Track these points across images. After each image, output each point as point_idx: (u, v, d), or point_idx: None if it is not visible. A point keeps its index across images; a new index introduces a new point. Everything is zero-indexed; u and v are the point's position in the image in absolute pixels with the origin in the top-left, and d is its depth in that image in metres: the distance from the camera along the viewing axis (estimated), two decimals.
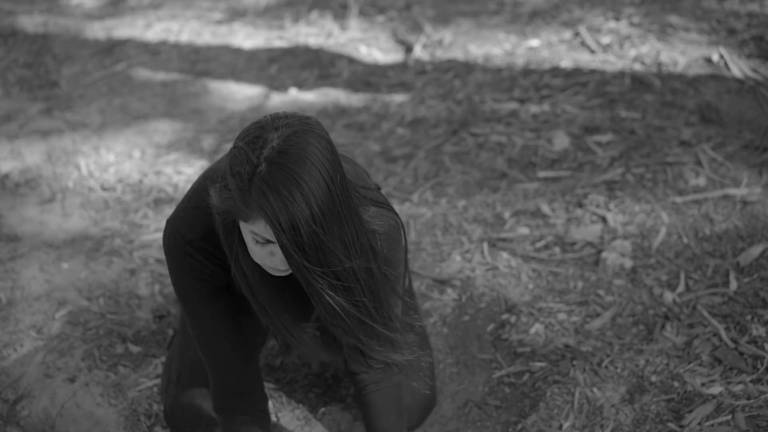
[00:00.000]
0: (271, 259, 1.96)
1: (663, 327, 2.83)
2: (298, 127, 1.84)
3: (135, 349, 2.97)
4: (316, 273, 1.90)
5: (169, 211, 3.64)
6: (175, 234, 2.18)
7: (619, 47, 4.56)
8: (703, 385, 2.63)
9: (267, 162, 1.80)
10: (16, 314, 3.14)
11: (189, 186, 3.74)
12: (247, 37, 5.25)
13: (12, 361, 2.95)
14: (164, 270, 3.31)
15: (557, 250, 3.24)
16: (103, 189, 3.86)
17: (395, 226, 2.17)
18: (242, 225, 1.93)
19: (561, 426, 2.60)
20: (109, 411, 2.77)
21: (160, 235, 3.50)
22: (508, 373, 2.77)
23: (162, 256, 3.38)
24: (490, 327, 2.94)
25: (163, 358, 2.91)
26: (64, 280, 3.31)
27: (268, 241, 1.91)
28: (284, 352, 2.40)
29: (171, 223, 2.20)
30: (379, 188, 2.44)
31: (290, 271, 1.99)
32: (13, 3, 6.17)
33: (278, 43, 5.11)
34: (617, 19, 4.89)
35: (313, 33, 5.19)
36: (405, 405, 2.41)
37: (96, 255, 3.44)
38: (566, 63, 4.47)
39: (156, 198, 3.76)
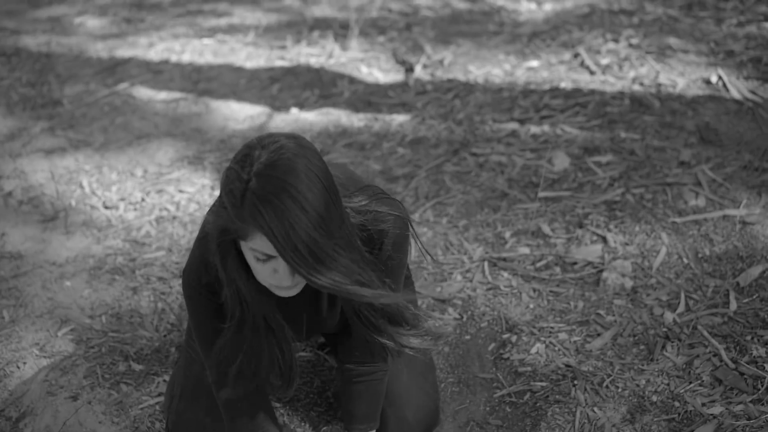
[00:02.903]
0: (275, 276, 1.96)
1: (663, 347, 2.84)
2: (284, 142, 1.87)
3: (137, 367, 2.98)
4: (326, 275, 1.89)
5: (171, 230, 3.66)
6: (191, 281, 2.20)
7: (618, 68, 4.59)
8: (703, 405, 2.64)
9: (256, 176, 1.81)
10: (18, 332, 3.15)
11: (191, 205, 3.77)
12: (248, 57, 5.28)
13: (15, 378, 2.96)
14: (166, 288, 3.33)
15: (558, 269, 3.25)
16: (106, 207, 3.87)
17: (402, 218, 2.19)
18: (243, 246, 1.95)
19: None
20: (111, 429, 2.77)
21: (162, 254, 3.52)
22: (509, 393, 2.77)
23: (164, 274, 3.40)
24: (491, 346, 2.95)
25: (166, 377, 2.92)
26: (66, 298, 3.32)
27: (269, 257, 1.92)
28: (286, 388, 2.41)
29: (186, 272, 2.22)
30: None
31: (298, 289, 2.01)
32: (16, 22, 6.21)
33: (280, 63, 5.14)
34: (616, 40, 4.92)
35: (315, 53, 5.22)
36: (382, 398, 2.47)
37: (98, 273, 3.45)
38: (566, 84, 4.50)
39: (158, 216, 3.77)
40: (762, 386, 2.65)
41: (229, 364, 2.21)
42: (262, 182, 1.81)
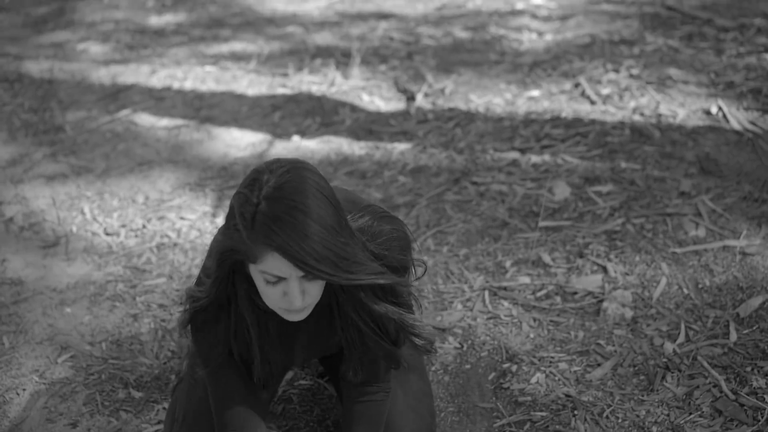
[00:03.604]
0: (285, 300, 2.00)
1: (664, 377, 2.84)
2: (290, 166, 1.94)
3: (137, 394, 2.98)
4: (347, 274, 1.96)
5: (172, 256, 3.67)
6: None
7: (618, 98, 4.61)
8: None
9: (266, 199, 1.88)
10: (18, 358, 3.15)
11: (192, 232, 3.77)
12: (250, 85, 5.30)
13: (14, 405, 2.95)
14: (166, 315, 3.33)
15: (558, 299, 3.25)
16: (107, 234, 3.88)
17: (405, 235, 2.23)
18: (252, 269, 1.98)
19: None
20: None
21: (162, 281, 3.52)
22: (509, 423, 2.77)
23: (164, 301, 3.40)
24: (492, 376, 2.95)
25: (166, 404, 2.91)
26: (66, 325, 3.32)
27: (279, 279, 1.96)
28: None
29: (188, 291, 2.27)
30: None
31: (307, 312, 2.06)
32: (19, 48, 6.23)
33: (281, 91, 5.16)
34: (617, 70, 4.95)
35: (316, 81, 5.25)
36: (383, 420, 2.46)
37: (99, 300, 3.45)
38: (567, 113, 4.51)
39: (159, 243, 3.78)
40: (762, 417, 2.65)
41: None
42: (271, 204, 1.87)
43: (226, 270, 2.07)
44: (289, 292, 1.98)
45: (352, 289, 2.12)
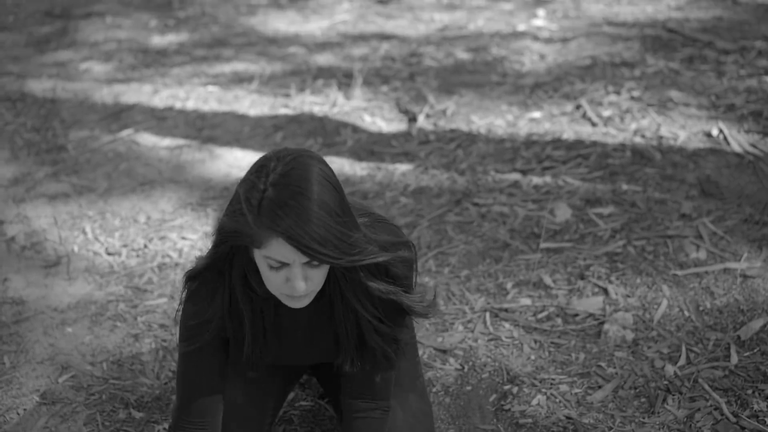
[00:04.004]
0: (287, 285, 2.03)
1: (664, 400, 2.84)
2: (296, 154, 1.99)
3: (138, 414, 2.97)
4: (349, 257, 2.00)
5: (173, 276, 3.67)
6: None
7: (620, 120, 4.62)
8: None
9: (272, 186, 1.93)
10: (19, 378, 3.15)
11: (193, 252, 3.78)
12: (252, 105, 5.32)
13: (14, 425, 2.95)
14: (167, 335, 3.33)
15: (559, 321, 3.26)
16: (108, 253, 3.89)
17: (407, 243, 2.27)
18: (256, 254, 2.02)
19: None
20: None
21: (164, 300, 3.53)
22: None
23: (165, 321, 3.40)
24: (492, 397, 2.95)
25: (166, 425, 2.91)
26: (67, 345, 3.32)
27: (283, 265, 1.99)
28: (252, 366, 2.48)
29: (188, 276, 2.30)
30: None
31: (309, 299, 2.09)
32: (22, 67, 6.26)
33: (283, 111, 5.18)
34: (618, 92, 4.96)
35: (318, 102, 5.26)
36: None
37: (100, 319, 3.45)
38: (568, 135, 4.53)
39: (160, 263, 3.78)
40: None
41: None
42: (278, 190, 1.92)
43: (226, 251, 2.11)
44: (291, 278, 2.01)
45: (353, 271, 2.14)
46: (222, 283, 2.21)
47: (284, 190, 1.92)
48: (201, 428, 2.36)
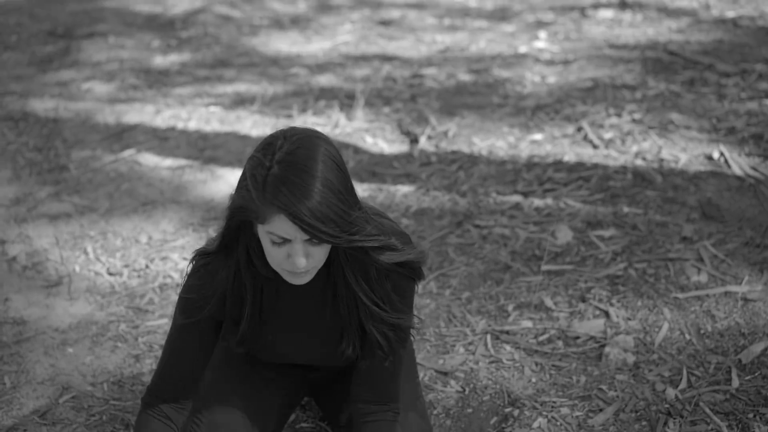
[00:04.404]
0: (288, 261, 2.08)
1: (666, 423, 2.83)
2: (303, 134, 2.05)
3: None
4: (348, 236, 2.05)
5: (174, 297, 3.67)
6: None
7: (621, 143, 4.63)
8: None
9: (278, 163, 1.98)
10: (19, 398, 3.15)
11: None
12: (254, 125, 5.33)
13: None
14: None
15: (560, 343, 3.26)
16: (110, 274, 3.89)
17: (402, 232, 2.34)
18: (260, 230, 2.06)
19: None
20: None
21: (165, 321, 3.53)
22: None
23: None
24: (494, 420, 2.94)
25: None
26: (68, 365, 3.32)
27: (285, 241, 2.04)
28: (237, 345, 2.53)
29: (197, 251, 2.35)
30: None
31: (310, 276, 2.15)
32: (24, 86, 6.27)
33: None
34: (619, 115, 4.98)
35: (320, 122, 5.27)
36: None
37: (101, 340, 3.45)
38: (569, 157, 4.54)
39: (162, 284, 3.79)
40: None
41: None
42: (283, 168, 1.97)
43: (235, 226, 2.15)
44: (293, 255, 2.06)
45: (354, 249, 2.18)
46: (228, 262, 2.26)
47: (289, 168, 1.96)
48: (170, 397, 2.44)
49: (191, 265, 2.34)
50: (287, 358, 2.53)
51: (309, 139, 2.03)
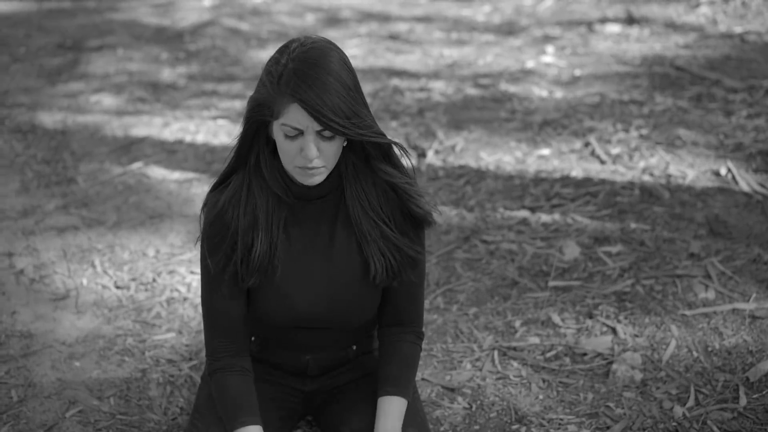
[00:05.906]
0: (301, 156, 2.20)
1: None
2: (319, 39, 2.23)
3: None
4: (357, 128, 2.18)
5: (182, 311, 3.67)
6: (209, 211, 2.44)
7: (628, 158, 4.64)
8: None
9: (293, 60, 2.15)
10: (26, 412, 3.15)
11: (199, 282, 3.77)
12: None
13: None
14: (175, 371, 3.32)
15: (567, 360, 3.25)
16: (117, 287, 3.89)
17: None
18: (275, 128, 2.22)
19: None
20: None
21: (172, 335, 3.53)
22: None
23: (173, 356, 3.40)
24: None
25: None
26: (75, 379, 3.32)
27: (298, 133, 2.18)
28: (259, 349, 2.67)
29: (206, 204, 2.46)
30: None
31: (321, 177, 2.27)
32: (33, 98, 6.29)
33: None
34: (626, 130, 4.98)
35: None
36: (416, 363, 2.61)
37: (108, 354, 3.45)
38: (576, 172, 4.54)
39: (169, 297, 3.79)
40: None
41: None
42: (298, 63, 2.15)
43: (254, 128, 2.28)
44: (305, 146, 2.18)
45: (362, 157, 2.37)
46: (241, 180, 2.37)
47: (303, 63, 2.14)
48: (231, 347, 2.51)
49: (205, 208, 2.43)
50: (299, 308, 2.50)
51: (323, 43, 2.21)
